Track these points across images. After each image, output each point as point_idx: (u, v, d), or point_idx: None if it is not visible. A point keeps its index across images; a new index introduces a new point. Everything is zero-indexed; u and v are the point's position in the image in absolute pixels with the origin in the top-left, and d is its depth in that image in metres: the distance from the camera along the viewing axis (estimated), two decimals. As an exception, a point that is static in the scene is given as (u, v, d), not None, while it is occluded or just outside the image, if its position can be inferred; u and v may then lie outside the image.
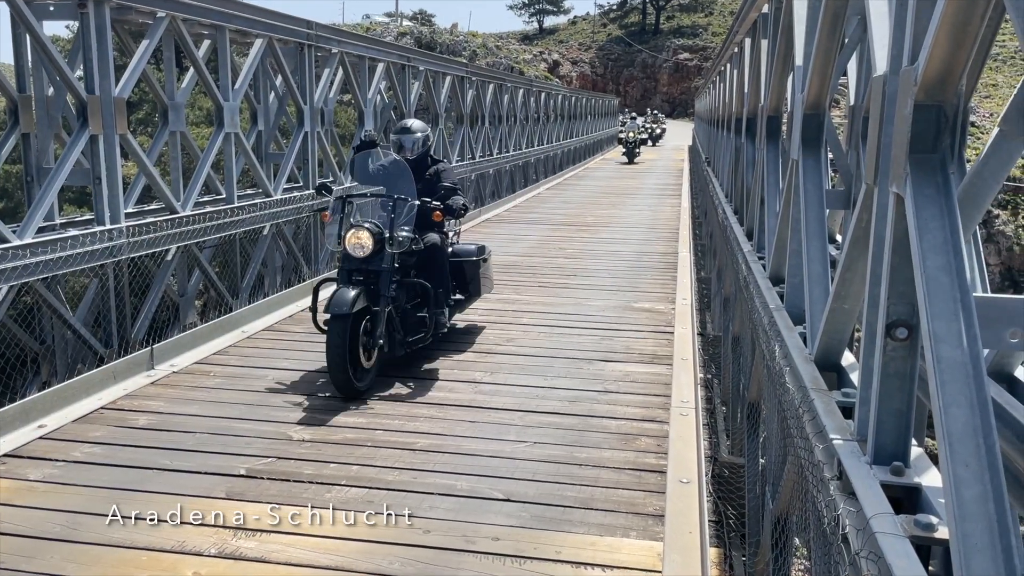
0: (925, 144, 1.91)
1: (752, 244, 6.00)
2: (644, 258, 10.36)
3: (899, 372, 2.06)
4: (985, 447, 1.59)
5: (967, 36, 1.80)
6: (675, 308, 7.45)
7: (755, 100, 6.90)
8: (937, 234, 1.81)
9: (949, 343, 1.68)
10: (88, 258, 6.18)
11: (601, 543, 3.37)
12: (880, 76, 2.31)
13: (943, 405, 1.62)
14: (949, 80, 1.89)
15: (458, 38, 55.99)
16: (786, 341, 3.28)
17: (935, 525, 1.81)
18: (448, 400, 5.01)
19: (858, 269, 2.53)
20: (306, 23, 9.64)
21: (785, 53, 4.89)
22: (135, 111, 22.82)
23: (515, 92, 20.21)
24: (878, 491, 1.95)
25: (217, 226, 7.87)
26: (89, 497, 3.63)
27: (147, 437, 4.34)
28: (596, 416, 4.79)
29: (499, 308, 7.31)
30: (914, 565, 1.65)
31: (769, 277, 4.62)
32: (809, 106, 3.86)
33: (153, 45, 7.15)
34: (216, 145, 8.16)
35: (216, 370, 5.48)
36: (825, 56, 3.58)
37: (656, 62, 63.44)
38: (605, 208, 16.11)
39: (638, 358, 5.95)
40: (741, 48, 9.18)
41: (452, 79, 15.10)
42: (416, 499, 3.72)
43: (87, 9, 6.31)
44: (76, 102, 6.56)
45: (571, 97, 30.03)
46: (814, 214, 3.58)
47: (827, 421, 2.41)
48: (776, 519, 3.49)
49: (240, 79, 8.64)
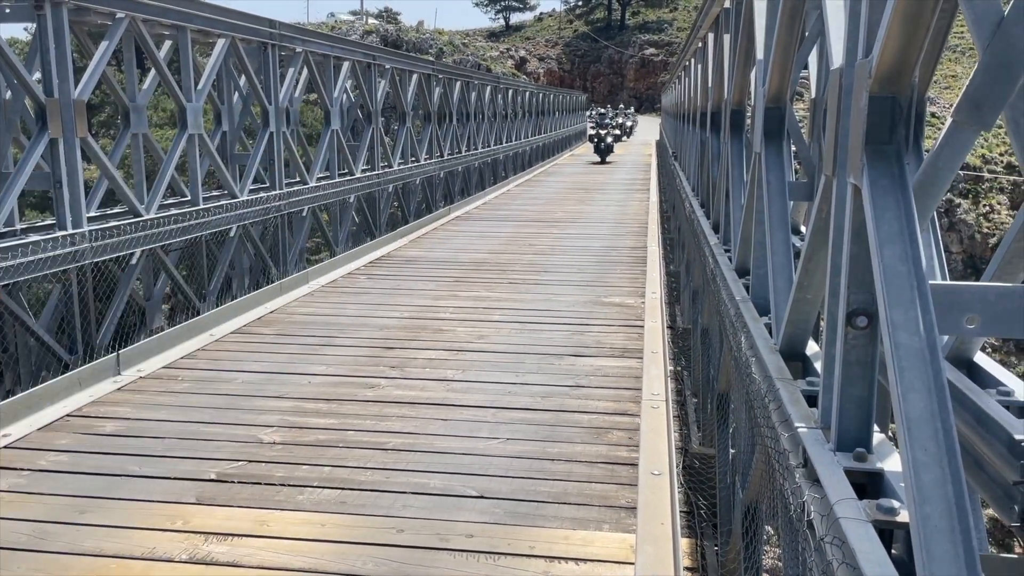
0: (880, 135, 1.95)
1: (719, 237, 6.06)
2: (613, 253, 10.41)
3: (860, 360, 2.09)
4: (943, 431, 1.62)
5: (919, 29, 1.83)
6: (645, 302, 7.50)
7: (719, 94, 6.97)
8: (893, 224, 1.85)
9: (906, 330, 1.72)
10: (50, 263, 6.08)
11: (574, 537, 3.39)
12: (837, 69, 2.35)
13: (901, 391, 1.66)
14: (903, 72, 1.93)
15: (424, 36, 55.74)
16: (752, 332, 3.32)
17: (897, 509, 1.85)
18: (420, 399, 5.01)
19: (819, 259, 2.57)
20: (269, 22, 9.56)
21: (747, 47, 4.94)
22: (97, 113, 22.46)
23: (482, 89, 20.19)
24: (842, 477, 1.99)
25: (182, 228, 7.78)
26: (56, 506, 3.58)
27: (114, 444, 4.28)
28: (568, 411, 4.81)
29: (470, 306, 7.31)
30: (876, 549, 1.68)
31: (735, 269, 4.67)
32: (770, 99, 3.91)
33: (112, 46, 7.05)
34: (180, 147, 8.07)
35: (184, 374, 5.42)
36: (785, 50, 3.63)
37: (622, 58, 63.71)
38: (574, 204, 16.16)
39: (609, 352, 5.98)
40: (705, 43, 9.26)
41: (419, 77, 15.05)
42: (389, 498, 3.71)
43: (44, 11, 6.20)
44: (35, 105, 6.44)
45: (539, 93, 30.05)
46: (777, 206, 3.63)
47: (792, 410, 2.45)
48: (746, 508, 3.53)
49: (203, 80, 8.55)
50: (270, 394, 5.01)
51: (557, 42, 66.48)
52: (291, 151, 10.28)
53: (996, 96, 1.82)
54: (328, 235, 12.15)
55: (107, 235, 6.68)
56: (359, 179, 12.33)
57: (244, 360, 5.72)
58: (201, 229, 8.09)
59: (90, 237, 6.45)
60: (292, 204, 10.13)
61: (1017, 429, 2.18)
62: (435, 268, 9.14)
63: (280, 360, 5.65)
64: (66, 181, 6.37)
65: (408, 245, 10.80)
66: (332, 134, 11.40)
